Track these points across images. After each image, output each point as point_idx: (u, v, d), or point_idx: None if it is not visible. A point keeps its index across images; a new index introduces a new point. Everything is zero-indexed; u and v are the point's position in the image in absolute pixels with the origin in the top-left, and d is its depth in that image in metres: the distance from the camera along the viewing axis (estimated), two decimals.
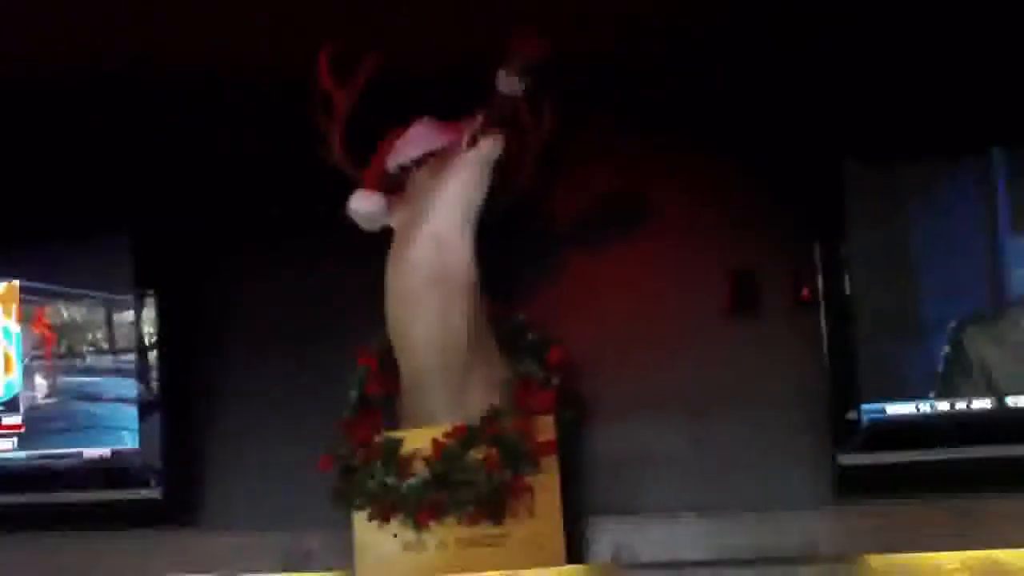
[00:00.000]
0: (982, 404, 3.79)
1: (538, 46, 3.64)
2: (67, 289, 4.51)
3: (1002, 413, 3.78)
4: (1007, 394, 3.78)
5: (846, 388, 3.88)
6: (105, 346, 4.48)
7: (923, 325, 3.86)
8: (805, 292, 4.07)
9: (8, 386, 4.53)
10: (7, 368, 4.54)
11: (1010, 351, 3.80)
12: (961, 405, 3.79)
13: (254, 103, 4.41)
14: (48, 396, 4.51)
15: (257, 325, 4.52)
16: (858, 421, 3.83)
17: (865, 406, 3.83)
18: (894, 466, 3.83)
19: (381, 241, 3.96)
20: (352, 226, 3.95)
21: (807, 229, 4.04)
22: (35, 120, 4.59)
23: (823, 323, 3.97)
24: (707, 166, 4.23)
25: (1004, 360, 3.80)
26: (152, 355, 4.43)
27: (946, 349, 3.83)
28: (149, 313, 4.44)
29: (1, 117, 4.54)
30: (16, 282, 4.54)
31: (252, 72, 4.28)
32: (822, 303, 3.99)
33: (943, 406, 3.80)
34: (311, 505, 4.18)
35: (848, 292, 3.92)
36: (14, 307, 4.54)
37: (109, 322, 4.49)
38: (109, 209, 4.55)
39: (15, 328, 4.54)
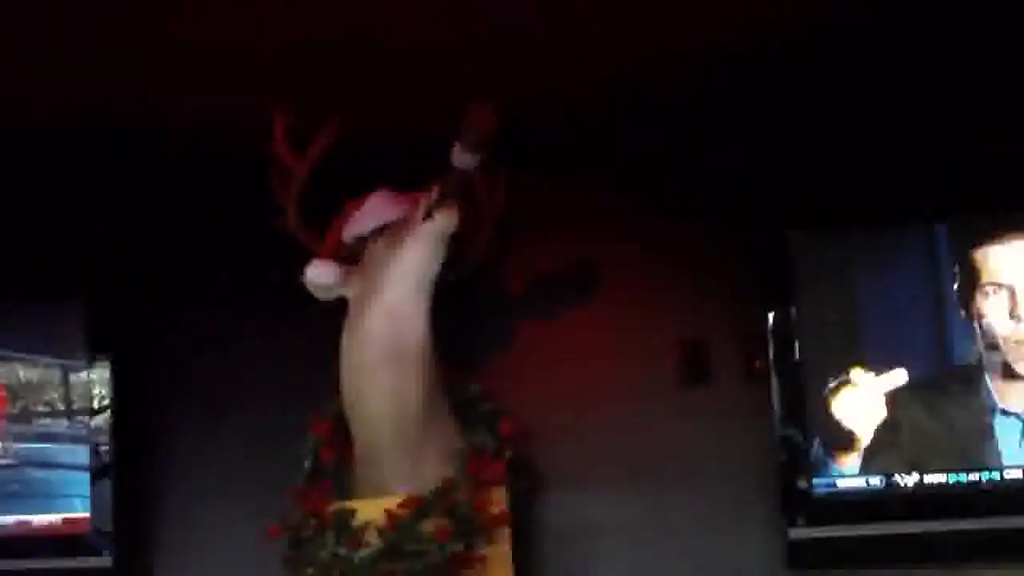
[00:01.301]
0: (934, 479, 3.83)
1: (491, 121, 3.66)
2: (20, 354, 4.49)
3: (951, 488, 3.81)
4: (958, 469, 3.82)
5: (797, 460, 3.90)
6: (60, 409, 4.47)
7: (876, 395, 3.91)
8: (756, 364, 4.09)
9: None
10: None
11: (956, 421, 3.85)
12: (911, 480, 3.83)
13: (209, 170, 4.43)
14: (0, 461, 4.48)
15: (210, 391, 4.51)
16: (809, 493, 3.86)
17: (816, 479, 3.86)
18: (845, 539, 3.85)
19: (336, 309, 3.97)
20: (307, 294, 3.95)
21: (757, 298, 4.07)
22: None
23: (774, 393, 3.99)
24: (658, 236, 4.27)
25: (951, 432, 3.85)
26: (105, 420, 4.41)
27: (898, 419, 3.87)
28: (102, 378, 4.43)
29: None
30: None
31: (207, 140, 4.30)
32: (773, 372, 4.01)
33: (895, 479, 3.83)
34: (263, 574, 4.14)
35: (797, 360, 3.96)
36: None
37: (64, 386, 4.48)
38: (62, 275, 4.54)
39: None
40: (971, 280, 3.90)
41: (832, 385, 3.92)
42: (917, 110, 4.10)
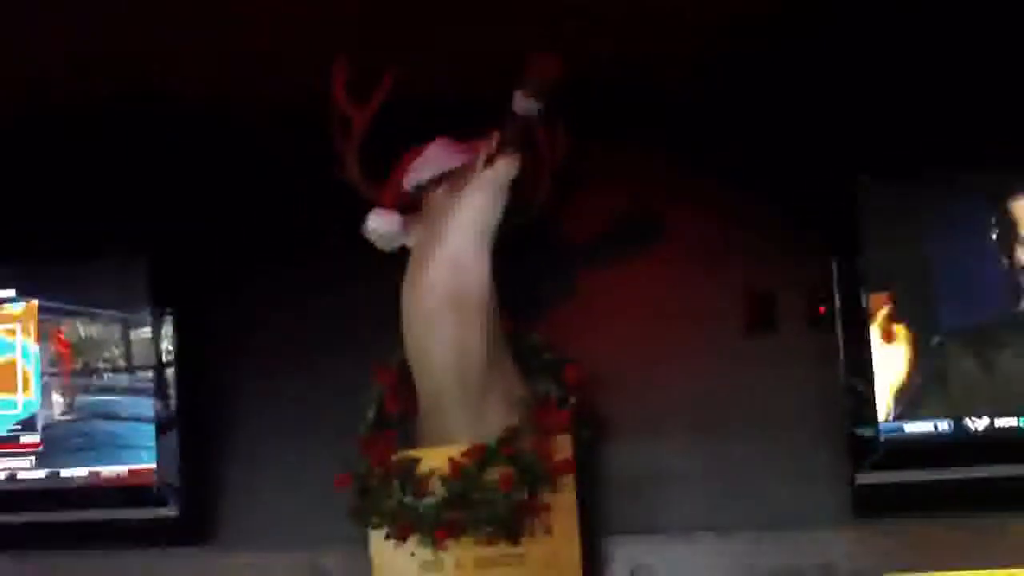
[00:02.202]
0: (1004, 423, 3.78)
1: (554, 67, 3.65)
2: (85, 308, 4.53)
3: (1022, 431, 3.78)
4: None
5: (863, 407, 3.87)
6: (122, 364, 4.50)
7: (941, 342, 3.86)
8: (821, 309, 4.06)
9: (27, 405, 4.54)
10: (25, 387, 4.55)
11: None
12: (981, 424, 3.79)
13: (271, 123, 4.44)
14: (66, 414, 4.52)
15: (273, 343, 4.52)
16: (876, 440, 3.83)
17: (883, 425, 3.82)
18: (912, 485, 3.82)
19: (398, 259, 3.97)
20: (368, 245, 3.96)
21: (823, 247, 4.03)
22: (56, 142, 4.61)
23: (840, 341, 3.96)
24: (723, 185, 4.24)
25: (1021, 376, 3.80)
26: (169, 373, 4.44)
27: (965, 366, 3.82)
28: (166, 331, 4.45)
29: (25, 140, 4.57)
30: (35, 301, 4.56)
31: (269, 93, 4.30)
32: (839, 321, 3.97)
33: (963, 424, 3.79)
34: (328, 524, 4.17)
35: (865, 309, 3.91)
36: (32, 326, 4.55)
37: (126, 340, 4.50)
38: (127, 228, 4.55)
39: (33, 347, 4.55)
40: None
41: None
42: (988, 55, 4.04)
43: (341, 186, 4.04)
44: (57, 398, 4.52)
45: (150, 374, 4.46)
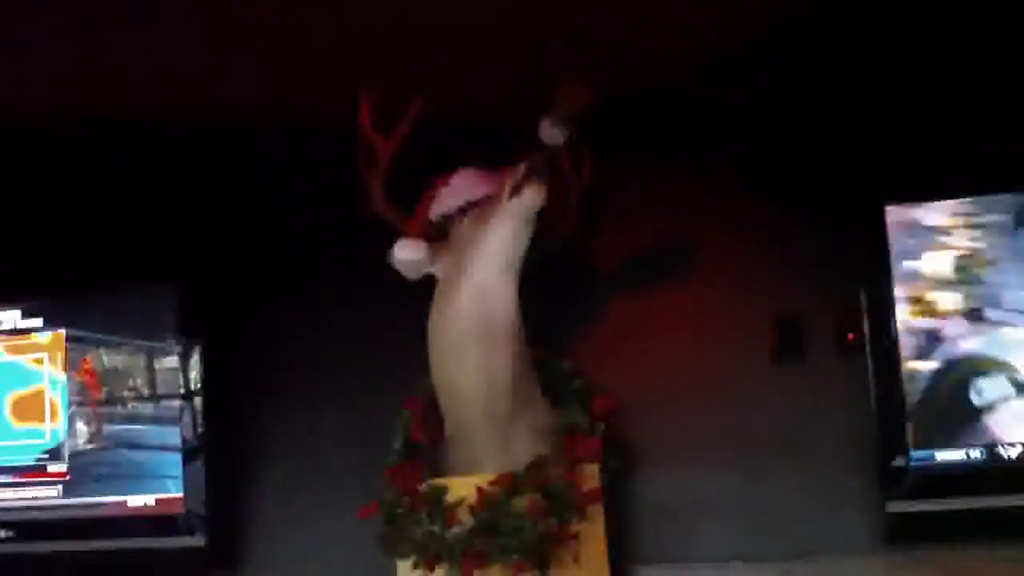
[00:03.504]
0: None
1: (582, 95, 3.64)
2: (112, 337, 4.54)
3: None
4: None
5: (894, 434, 3.84)
6: (149, 393, 4.51)
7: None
8: (851, 336, 4.03)
9: (54, 434, 4.55)
10: (53, 416, 4.57)
11: None
12: (1014, 452, 3.76)
13: (297, 152, 4.46)
14: (92, 443, 4.53)
15: (300, 372, 4.53)
16: (907, 468, 3.80)
17: (914, 453, 3.80)
18: (944, 513, 3.78)
19: (425, 287, 3.96)
20: (396, 274, 3.95)
21: (852, 273, 4.01)
22: (83, 170, 4.63)
23: (870, 368, 3.93)
24: (752, 211, 4.22)
25: None
26: (196, 402, 4.45)
27: (997, 393, 3.80)
28: (193, 360, 4.47)
29: (51, 167, 4.60)
30: (62, 331, 4.57)
31: (295, 122, 4.32)
32: (868, 347, 3.95)
33: (997, 451, 3.77)
34: (356, 553, 4.18)
35: (894, 335, 3.89)
36: (60, 355, 4.57)
37: (153, 369, 4.52)
38: (155, 257, 4.58)
39: (61, 376, 4.57)
40: None
41: None
42: (1018, 84, 4.01)
43: (370, 215, 4.04)
44: (84, 427, 4.54)
45: (177, 403, 4.47)
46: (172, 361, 4.49)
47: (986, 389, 3.80)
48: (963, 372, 3.82)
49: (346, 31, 3.83)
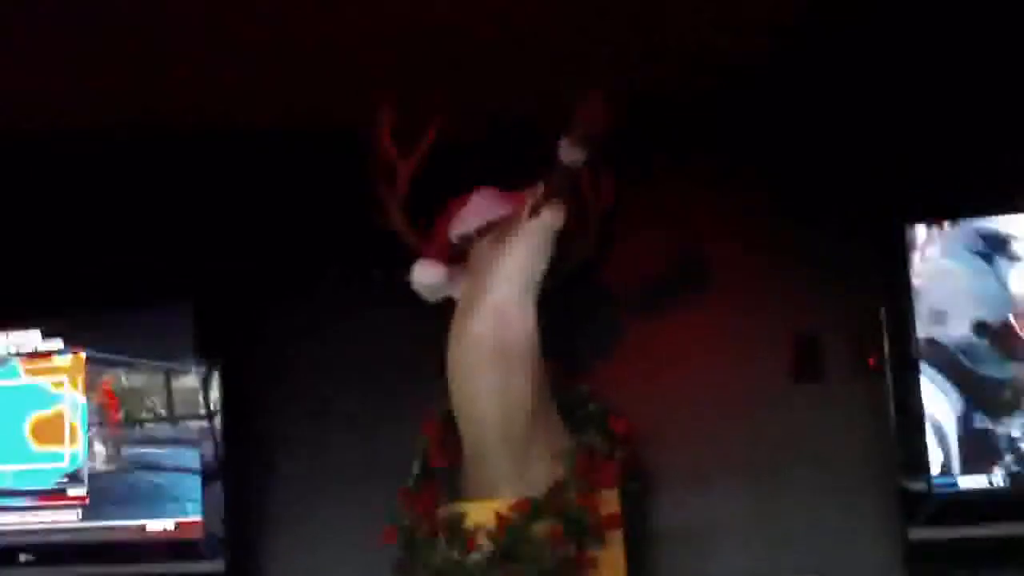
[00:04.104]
0: None
1: (602, 115, 3.61)
2: (131, 358, 4.54)
3: None
4: None
5: (915, 459, 3.81)
6: (169, 413, 4.51)
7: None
8: (871, 361, 3.99)
9: (73, 457, 4.55)
10: (72, 439, 4.56)
11: None
12: None
13: (314, 171, 4.45)
14: (111, 465, 4.53)
15: (319, 394, 4.52)
16: (929, 494, 3.77)
17: (936, 479, 3.76)
18: (968, 541, 3.75)
19: (443, 310, 3.94)
20: (414, 296, 3.93)
21: (871, 293, 3.98)
22: (97, 190, 4.64)
23: (890, 391, 3.90)
24: (771, 230, 4.20)
25: None
26: (215, 423, 4.44)
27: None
28: (212, 381, 4.46)
29: (65, 188, 4.61)
30: (83, 353, 4.57)
31: (313, 141, 4.31)
32: (888, 370, 3.91)
33: (1019, 478, 3.72)
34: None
35: (915, 356, 3.85)
36: (80, 378, 4.57)
37: (171, 391, 4.51)
38: (173, 278, 4.57)
39: (81, 399, 4.57)
40: None
41: None
42: None
43: (387, 236, 4.03)
44: (103, 450, 4.54)
45: (196, 424, 4.47)
46: (191, 381, 4.48)
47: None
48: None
49: (362, 47, 3.82)
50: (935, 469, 3.77)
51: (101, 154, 4.44)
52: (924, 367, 3.83)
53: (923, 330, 3.86)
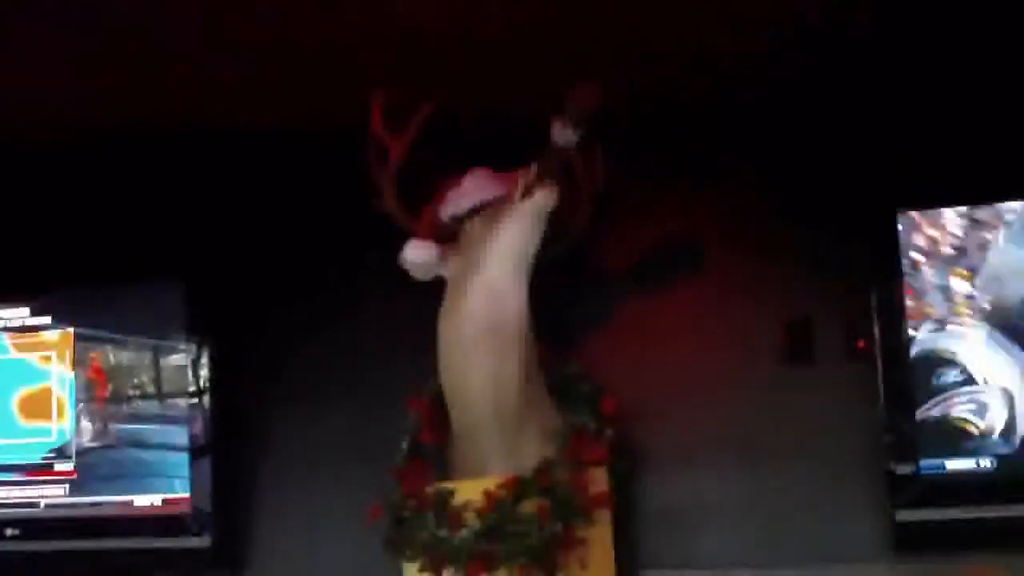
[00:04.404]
0: None
1: (594, 95, 3.62)
2: (120, 335, 4.54)
3: None
4: None
5: (903, 442, 3.82)
6: (158, 390, 4.51)
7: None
8: (860, 343, 4.01)
9: (61, 432, 4.55)
10: (60, 415, 4.56)
11: None
12: None
13: (305, 151, 4.44)
14: (99, 441, 4.52)
15: (308, 371, 4.52)
16: (916, 476, 3.78)
17: (923, 461, 3.78)
18: (955, 522, 3.77)
19: (433, 288, 3.94)
20: (405, 274, 3.93)
21: (861, 276, 4.00)
22: (91, 168, 4.63)
23: (879, 375, 3.91)
24: (762, 213, 4.21)
25: None
26: (204, 401, 4.44)
27: (1009, 399, 3.77)
28: (201, 359, 4.46)
29: (58, 165, 4.59)
30: (71, 329, 4.57)
31: (302, 122, 4.31)
32: (879, 353, 3.93)
33: (1007, 460, 3.74)
34: (361, 555, 4.17)
35: (904, 340, 3.87)
36: (68, 353, 4.56)
37: (161, 368, 4.51)
38: (164, 255, 4.57)
39: (69, 374, 4.56)
40: None
41: None
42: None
43: (378, 215, 4.03)
44: (91, 425, 4.54)
45: (184, 401, 4.47)
46: (180, 359, 4.48)
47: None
48: None
49: (353, 33, 3.81)
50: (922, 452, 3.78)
51: (95, 135, 4.41)
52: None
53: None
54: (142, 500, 4.42)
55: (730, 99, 4.17)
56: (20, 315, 4.65)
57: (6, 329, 4.65)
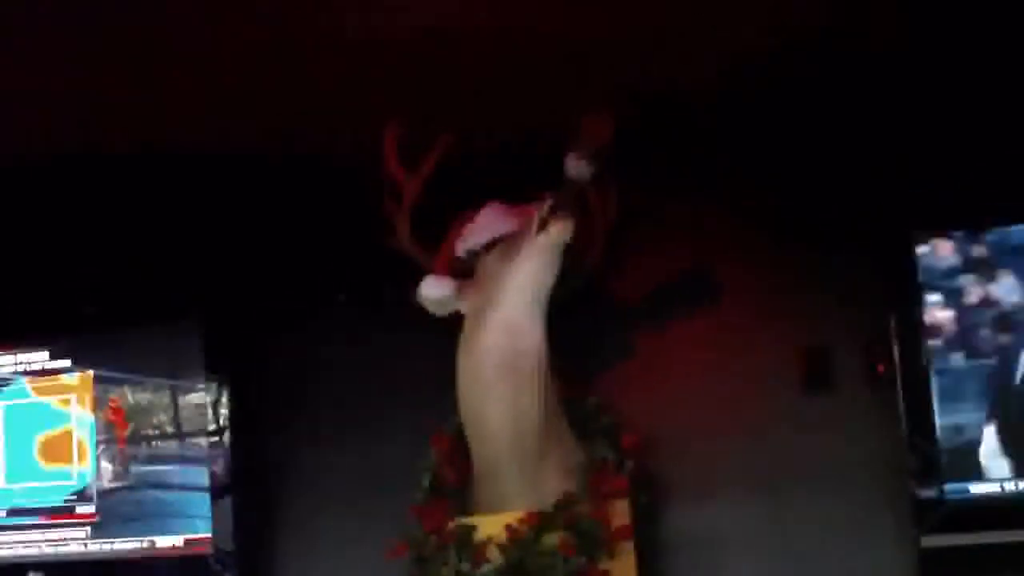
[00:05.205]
0: None
1: (607, 131, 3.63)
2: (139, 376, 4.54)
3: None
4: None
5: (927, 467, 3.81)
6: (177, 430, 4.51)
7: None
8: (880, 368, 3.99)
9: (82, 475, 4.55)
10: (81, 457, 4.56)
11: None
12: None
13: (320, 189, 4.45)
14: (119, 482, 4.53)
15: (328, 409, 4.52)
16: (941, 500, 3.77)
17: (947, 486, 3.76)
18: (981, 547, 3.73)
19: (450, 322, 3.95)
20: (423, 311, 3.93)
21: (879, 303, 3.98)
22: (106, 208, 4.64)
23: (900, 399, 3.89)
24: (778, 241, 4.19)
25: None
26: (223, 440, 4.44)
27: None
28: (220, 398, 4.46)
29: (74, 205, 4.61)
30: (91, 372, 4.58)
31: (318, 160, 4.31)
32: (898, 378, 3.91)
33: None
34: None
35: (925, 365, 3.86)
36: (88, 396, 4.57)
37: (180, 408, 4.51)
38: (180, 296, 4.57)
39: (88, 417, 4.57)
40: None
41: None
42: None
43: (395, 252, 4.04)
44: (111, 467, 4.54)
45: (204, 440, 4.47)
46: (199, 399, 4.49)
47: None
48: None
49: (370, 67, 3.82)
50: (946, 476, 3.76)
51: (109, 176, 4.44)
52: None
53: None
54: (164, 541, 4.43)
55: (745, 130, 4.18)
56: (40, 359, 4.67)
57: (26, 373, 4.67)
